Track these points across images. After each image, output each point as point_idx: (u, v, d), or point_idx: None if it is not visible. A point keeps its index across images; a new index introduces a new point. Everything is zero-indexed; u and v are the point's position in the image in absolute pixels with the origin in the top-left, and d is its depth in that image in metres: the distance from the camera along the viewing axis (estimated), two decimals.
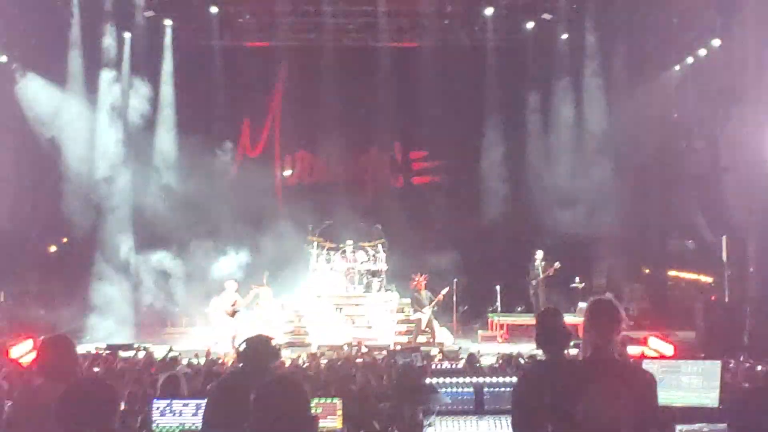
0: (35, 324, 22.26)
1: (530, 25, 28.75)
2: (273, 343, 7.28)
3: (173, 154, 27.41)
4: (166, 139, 27.46)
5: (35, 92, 24.54)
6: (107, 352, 19.04)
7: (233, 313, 22.41)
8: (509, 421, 6.79)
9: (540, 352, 6.88)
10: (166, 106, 27.81)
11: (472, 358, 14.98)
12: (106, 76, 26.49)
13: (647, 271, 26.88)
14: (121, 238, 26.16)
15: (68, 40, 25.71)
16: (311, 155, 30.89)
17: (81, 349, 8.57)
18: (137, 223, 26.54)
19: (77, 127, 25.53)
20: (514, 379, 7.95)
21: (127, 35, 27.45)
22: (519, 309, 26.68)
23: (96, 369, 14.52)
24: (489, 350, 19.74)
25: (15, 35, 24.13)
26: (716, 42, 22.11)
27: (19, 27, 24.38)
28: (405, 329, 23.90)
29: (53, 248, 26.41)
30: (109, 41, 26.57)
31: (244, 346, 7.17)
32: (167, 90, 27.88)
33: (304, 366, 16.03)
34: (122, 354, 18.66)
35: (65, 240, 25.79)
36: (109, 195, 26.15)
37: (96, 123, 26.23)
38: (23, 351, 19.19)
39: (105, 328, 23.91)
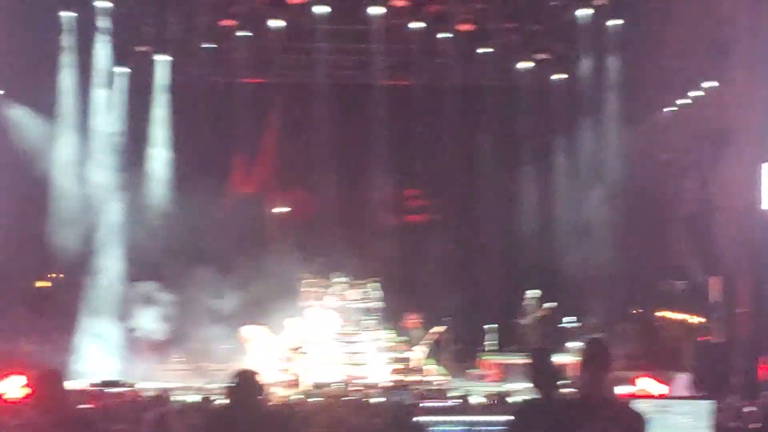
0: (24, 360, 22.15)
1: (525, 64, 28.88)
2: (257, 378, 7.24)
3: (166, 189, 27.33)
4: (159, 174, 27.37)
5: (25, 124, 24.53)
6: (96, 389, 18.94)
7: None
8: None
9: (532, 390, 6.86)
10: (159, 140, 27.77)
11: (464, 398, 14.92)
12: (99, 110, 26.57)
13: (638, 311, 26.85)
14: (113, 271, 26.13)
15: (60, 73, 25.76)
16: (305, 192, 30.85)
17: (70, 385, 8.48)
18: (129, 256, 26.49)
19: (68, 159, 25.54)
20: (505, 418, 7.92)
21: (121, 69, 27.55)
22: (511, 348, 26.60)
23: (84, 406, 14.40)
24: (480, 389, 19.69)
25: (4, 67, 24.15)
26: (709, 83, 22.25)
27: (8, 60, 24.43)
28: (397, 368, 23.82)
29: (43, 283, 26.29)
30: (102, 75, 26.69)
31: (230, 381, 7.13)
32: (161, 125, 27.84)
33: (295, 404, 15.97)
34: (110, 390, 18.56)
35: (55, 275, 25.69)
36: (100, 228, 26.16)
37: (87, 155, 26.22)
38: (10, 387, 19.10)
39: (94, 364, 23.81)
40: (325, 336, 24.46)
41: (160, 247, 26.11)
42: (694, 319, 23.24)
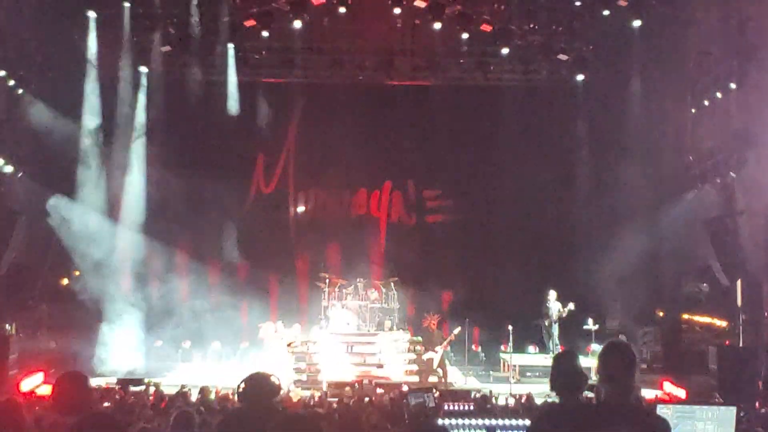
0: (46, 356, 22.29)
1: (545, 65, 28.81)
2: (273, 379, 7.20)
3: (187, 188, 27.32)
4: (180, 173, 27.37)
5: (49, 123, 24.63)
6: (118, 386, 19.01)
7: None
8: None
9: (554, 394, 6.82)
10: (180, 140, 27.80)
11: (485, 400, 14.86)
12: (121, 107, 26.72)
13: (661, 314, 26.73)
14: (133, 271, 26.29)
15: (84, 72, 25.87)
16: (325, 192, 30.89)
17: (93, 383, 8.53)
18: (149, 256, 26.63)
19: (91, 158, 25.70)
20: (527, 422, 7.89)
21: (144, 69, 27.67)
22: (531, 349, 26.56)
23: (106, 404, 14.47)
24: (501, 390, 19.64)
25: (30, 66, 24.28)
26: (732, 85, 22.10)
27: (35, 59, 24.57)
28: (416, 369, 23.78)
29: (65, 281, 26.43)
30: (125, 74, 26.84)
31: (243, 385, 7.10)
32: (182, 123, 27.86)
33: (313, 404, 15.94)
34: (133, 389, 18.63)
35: (77, 273, 25.81)
36: (121, 227, 26.33)
37: (109, 154, 26.37)
38: (34, 384, 19.25)
39: (116, 362, 23.93)
40: (344, 336, 24.43)
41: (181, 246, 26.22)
42: (720, 323, 23.10)
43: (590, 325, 25.22)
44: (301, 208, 31.01)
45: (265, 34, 27.38)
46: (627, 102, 26.39)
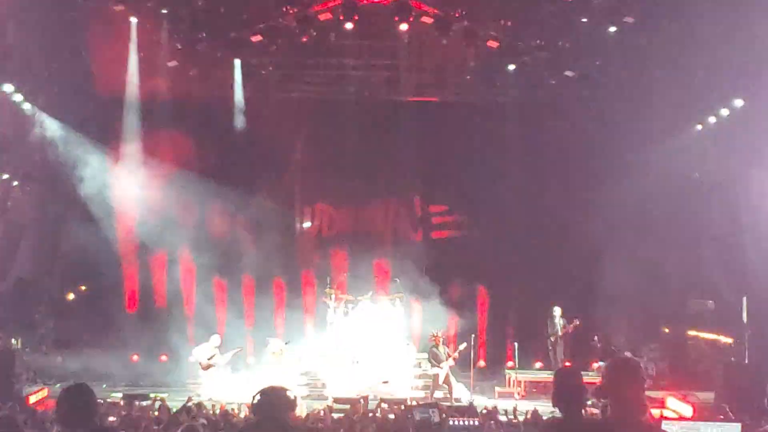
0: (53, 371, 22.32)
1: (552, 82, 28.81)
2: (288, 393, 7.15)
3: (195, 204, 27.34)
4: (185, 188, 27.38)
5: (56, 138, 24.67)
6: (123, 401, 19.01)
7: (207, 367, 22.70)
8: None
9: (557, 410, 6.82)
10: (187, 155, 27.83)
11: (490, 416, 14.84)
12: (128, 122, 26.77)
13: (666, 330, 26.68)
14: (139, 285, 26.34)
15: (91, 87, 25.91)
16: (331, 207, 30.94)
17: (97, 397, 8.52)
18: (155, 270, 26.66)
19: (99, 174, 25.73)
20: None
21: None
22: (537, 366, 26.50)
23: (112, 418, 14.47)
24: (506, 407, 19.59)
25: (37, 80, 24.33)
26: (739, 102, 22.10)
27: (43, 74, 24.63)
28: (422, 384, 23.76)
29: (71, 295, 26.46)
30: (131, 89, 26.89)
31: (258, 397, 7.05)
32: (188, 138, 27.90)
33: (317, 419, 15.93)
34: (138, 403, 18.61)
35: (83, 287, 25.85)
36: (127, 241, 26.39)
37: (115, 168, 26.41)
38: (40, 398, 19.30)
39: (122, 377, 23.94)
40: (350, 351, 24.42)
41: (188, 262, 26.25)
42: (725, 339, 23.06)
43: (596, 341, 25.20)
44: (307, 224, 31.05)
45: (272, 49, 27.47)
46: (633, 118, 26.39)
